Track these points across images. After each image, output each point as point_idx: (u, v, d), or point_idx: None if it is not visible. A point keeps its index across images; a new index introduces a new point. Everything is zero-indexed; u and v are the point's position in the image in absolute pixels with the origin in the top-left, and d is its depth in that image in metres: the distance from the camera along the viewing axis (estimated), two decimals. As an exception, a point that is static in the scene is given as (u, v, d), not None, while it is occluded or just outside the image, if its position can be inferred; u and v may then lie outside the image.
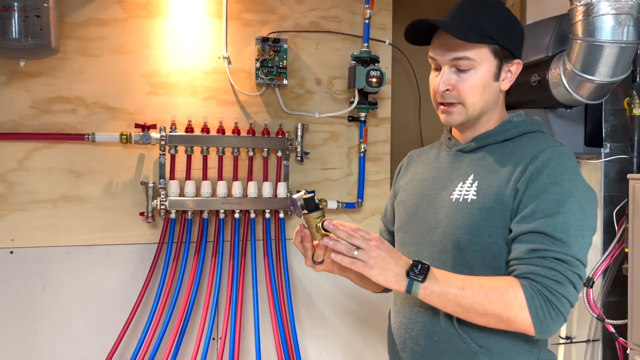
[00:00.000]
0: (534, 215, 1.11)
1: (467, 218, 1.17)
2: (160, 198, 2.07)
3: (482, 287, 1.09)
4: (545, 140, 1.21)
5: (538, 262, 1.08)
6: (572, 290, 1.08)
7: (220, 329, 2.16)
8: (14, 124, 1.99)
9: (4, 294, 2.00)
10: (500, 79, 1.23)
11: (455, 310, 1.12)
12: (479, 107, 1.22)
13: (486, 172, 1.20)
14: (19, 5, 1.75)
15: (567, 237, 1.08)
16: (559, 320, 1.08)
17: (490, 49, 1.19)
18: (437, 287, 1.09)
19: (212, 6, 2.20)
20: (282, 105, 2.28)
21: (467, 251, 1.17)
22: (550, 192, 1.11)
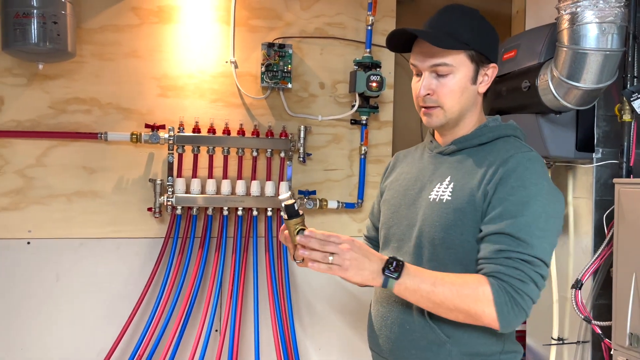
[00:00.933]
0: (501, 217, 1.17)
1: (441, 217, 1.24)
2: (168, 195, 2.18)
3: (453, 284, 1.16)
4: (517, 145, 1.28)
5: (504, 262, 1.15)
6: (534, 288, 1.15)
7: (222, 321, 2.26)
8: (33, 123, 2.14)
9: (21, 282, 2.14)
10: (477, 83, 1.30)
11: (427, 305, 1.19)
12: (457, 109, 1.29)
13: (462, 174, 1.27)
14: (38, 13, 1.88)
15: (531, 239, 1.15)
16: (522, 316, 1.15)
17: (467, 55, 1.26)
18: (411, 283, 1.15)
19: (221, 13, 2.31)
20: (286, 108, 2.37)
21: (441, 248, 1.24)
22: (516, 195, 1.18)
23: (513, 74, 2.03)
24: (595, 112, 1.98)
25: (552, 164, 2.10)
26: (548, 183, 1.22)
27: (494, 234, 1.17)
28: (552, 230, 1.19)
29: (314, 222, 2.42)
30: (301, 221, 1.18)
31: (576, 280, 1.93)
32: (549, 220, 1.19)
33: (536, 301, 1.17)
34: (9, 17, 1.90)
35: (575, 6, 1.65)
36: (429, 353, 1.25)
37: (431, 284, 1.15)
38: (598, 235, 1.99)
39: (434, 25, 1.30)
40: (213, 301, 2.22)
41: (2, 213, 2.12)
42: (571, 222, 2.12)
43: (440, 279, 1.17)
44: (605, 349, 1.90)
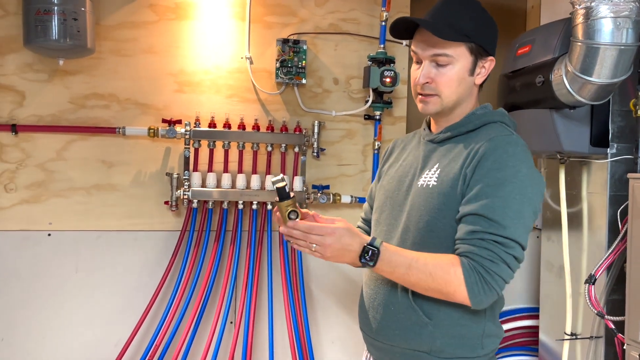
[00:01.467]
0: (476, 198, 1.21)
1: (427, 202, 1.29)
2: (184, 188, 2.22)
3: (426, 265, 1.21)
4: (499, 129, 1.31)
5: (477, 242, 1.19)
6: (505, 269, 1.20)
7: (237, 313, 2.29)
8: (54, 118, 2.18)
9: (42, 273, 2.19)
10: (475, 74, 1.33)
11: (405, 285, 1.26)
12: (454, 99, 1.33)
13: (448, 160, 1.31)
14: (59, 10, 1.93)
15: (504, 220, 1.18)
16: (492, 295, 1.20)
17: (467, 47, 1.30)
18: (386, 268, 1.23)
19: (237, 9, 2.34)
20: (301, 104, 2.39)
21: (425, 231, 1.28)
22: (492, 177, 1.21)
23: (527, 69, 2.03)
24: (610, 107, 1.97)
25: (566, 160, 2.10)
26: (527, 166, 1.24)
27: (470, 214, 1.22)
28: (527, 213, 1.22)
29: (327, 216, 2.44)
30: (292, 203, 1.21)
31: (590, 275, 1.93)
32: (524, 203, 1.21)
33: (508, 281, 1.22)
34: (31, 14, 1.94)
35: (590, 1, 1.65)
36: (412, 334, 1.29)
37: (406, 267, 1.22)
38: (612, 231, 1.99)
39: (437, 15, 1.33)
40: (228, 293, 2.26)
41: (24, 205, 2.17)
42: (585, 217, 2.12)
43: (415, 261, 1.22)
44: (618, 344, 1.90)
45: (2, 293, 2.16)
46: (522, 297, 2.61)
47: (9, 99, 2.14)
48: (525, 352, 2.57)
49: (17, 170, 2.16)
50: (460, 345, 1.28)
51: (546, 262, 2.38)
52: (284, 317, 2.32)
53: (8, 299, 2.17)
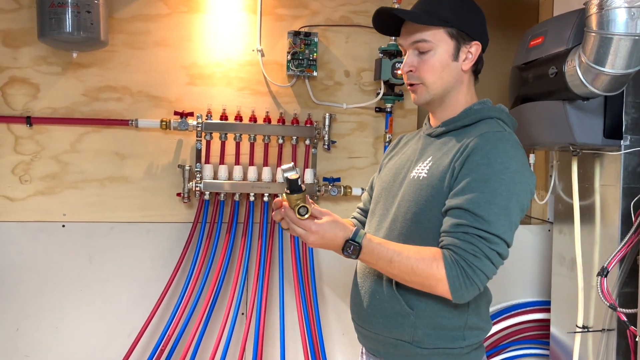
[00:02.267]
0: (463, 192, 1.22)
1: (415, 193, 1.31)
2: (196, 180, 2.23)
3: (409, 258, 1.22)
4: (493, 125, 1.31)
5: (461, 236, 1.20)
6: (488, 264, 1.19)
7: (248, 304, 2.31)
8: (68, 110, 2.21)
9: (56, 263, 2.22)
10: (459, 59, 1.34)
11: (388, 276, 1.29)
12: (440, 85, 1.34)
13: (441, 153, 1.32)
14: (72, 2, 1.94)
15: (489, 216, 1.19)
16: (473, 290, 1.21)
17: (446, 32, 1.31)
18: (369, 259, 1.26)
19: (248, 2, 2.34)
20: (312, 96, 2.40)
21: (412, 222, 1.30)
22: (480, 172, 1.21)
23: (540, 60, 2.02)
24: (624, 98, 1.95)
25: (579, 152, 2.09)
26: (517, 163, 1.24)
27: (455, 208, 1.22)
28: (513, 209, 1.22)
29: (338, 209, 2.46)
30: (303, 197, 1.21)
31: (602, 267, 1.92)
32: (511, 199, 1.21)
33: (491, 277, 1.22)
34: (45, 7, 1.96)
35: (604, -9, 1.64)
36: (395, 323, 1.32)
37: (388, 260, 1.24)
38: (625, 223, 1.98)
39: (418, 4, 1.37)
40: (240, 285, 2.27)
41: (39, 197, 2.20)
42: (598, 209, 2.10)
43: (398, 254, 1.23)
44: (631, 336, 1.89)
45: (17, 283, 2.19)
46: (533, 290, 2.60)
47: (23, 92, 2.17)
48: (537, 345, 2.56)
49: (32, 162, 2.19)
50: (441, 336, 1.30)
51: (558, 255, 2.37)
52: (295, 309, 2.33)
53: (23, 290, 2.20)
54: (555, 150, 2.34)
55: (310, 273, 2.36)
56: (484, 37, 1.36)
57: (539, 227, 2.63)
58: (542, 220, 2.69)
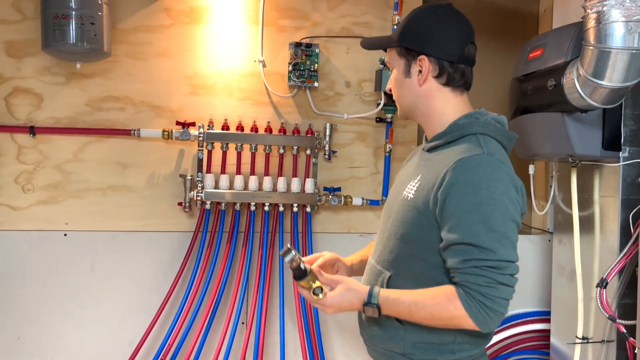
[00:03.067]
0: (459, 225, 1.22)
1: (403, 214, 1.34)
2: (197, 190, 2.25)
3: (425, 307, 1.25)
4: (472, 146, 1.28)
5: (471, 271, 1.21)
6: (504, 289, 1.21)
7: (248, 314, 2.32)
8: (71, 120, 2.23)
9: (58, 272, 2.23)
10: (411, 76, 1.37)
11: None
12: (402, 103, 1.41)
13: (428, 173, 1.33)
14: (76, 14, 1.97)
15: (492, 245, 1.20)
16: (498, 317, 1.22)
17: (396, 51, 1.38)
18: (391, 314, 1.30)
19: (250, 13, 2.36)
20: (313, 106, 2.41)
21: (402, 241, 1.33)
22: (469, 202, 1.21)
23: (539, 72, 2.03)
24: (623, 110, 1.97)
25: (578, 163, 2.10)
26: (502, 184, 1.23)
27: (457, 243, 1.23)
28: (510, 231, 1.23)
29: (338, 219, 2.47)
30: (311, 277, 1.29)
31: (601, 279, 1.92)
32: (507, 222, 1.22)
33: (511, 297, 1.23)
34: (49, 19, 1.99)
35: (602, 5, 1.65)
36: (387, 335, 1.35)
37: (408, 312, 1.28)
38: (624, 234, 1.98)
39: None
40: (240, 294, 2.28)
41: (41, 206, 2.21)
42: (597, 221, 2.11)
43: (414, 304, 1.26)
44: (630, 348, 1.89)
45: (19, 292, 2.21)
46: (534, 300, 2.61)
47: (27, 102, 2.19)
48: (537, 355, 2.56)
49: (34, 172, 2.21)
50: (430, 349, 1.32)
51: (558, 265, 2.38)
52: (295, 318, 2.34)
53: (25, 298, 2.21)
54: (555, 161, 2.35)
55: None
56: (442, 48, 1.34)
57: (539, 237, 2.64)
58: (542, 230, 2.70)
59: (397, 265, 1.36)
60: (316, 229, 2.44)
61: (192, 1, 2.31)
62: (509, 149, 1.39)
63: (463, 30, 1.38)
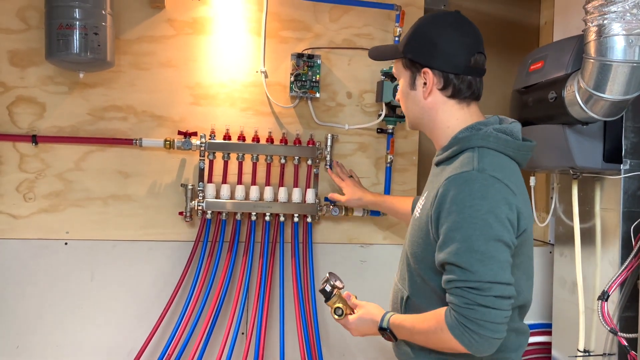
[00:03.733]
0: (444, 244, 1.21)
1: (412, 232, 1.35)
2: (198, 199, 2.25)
3: (420, 332, 1.29)
4: (465, 162, 1.26)
5: (454, 291, 1.20)
6: (487, 311, 1.15)
7: (248, 324, 2.31)
8: (73, 129, 2.24)
9: (58, 281, 2.23)
10: (417, 88, 1.37)
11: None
12: (409, 114, 1.43)
13: (431, 190, 1.33)
14: (80, 24, 1.98)
15: (472, 266, 1.16)
16: (485, 341, 1.17)
17: (401, 62, 1.39)
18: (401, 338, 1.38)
19: (252, 24, 2.38)
20: (314, 117, 2.42)
21: (412, 259, 1.35)
22: (453, 220, 1.19)
23: (540, 84, 2.05)
24: (624, 123, 1.98)
25: (579, 175, 2.10)
26: (488, 202, 1.18)
27: (445, 263, 1.22)
28: (494, 250, 1.18)
29: (339, 229, 2.47)
30: (336, 299, 1.50)
31: (603, 291, 1.92)
32: (489, 242, 1.17)
33: (500, 321, 1.17)
34: (53, 28, 2.00)
35: (603, 18, 1.66)
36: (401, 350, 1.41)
37: (410, 336, 1.34)
38: (625, 247, 1.99)
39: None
40: (240, 304, 2.28)
41: (42, 214, 2.22)
42: (598, 233, 2.11)
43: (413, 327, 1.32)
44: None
45: (19, 300, 2.20)
46: (535, 312, 2.60)
47: (30, 111, 2.20)
48: (538, 368, 2.55)
49: (36, 180, 2.21)
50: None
51: (559, 277, 2.37)
52: (295, 330, 2.33)
53: (24, 307, 2.21)
54: (556, 173, 2.36)
55: (311, 293, 2.36)
56: (444, 60, 1.32)
57: (540, 249, 2.63)
58: (544, 242, 2.69)
59: (413, 285, 1.36)
60: (317, 239, 2.43)
61: (196, 12, 2.33)
62: (520, 159, 1.33)
63: (469, 40, 1.34)
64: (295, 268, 2.34)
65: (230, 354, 2.24)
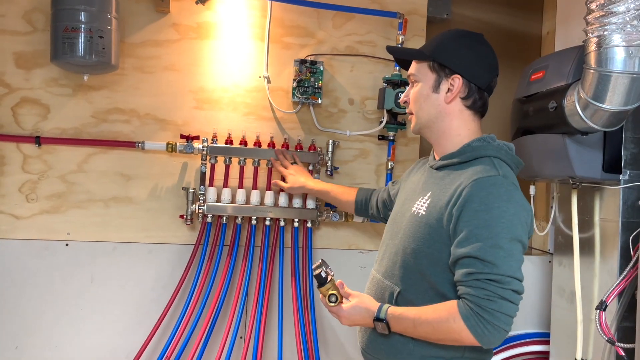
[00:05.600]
0: (467, 240, 1.26)
1: (415, 230, 1.38)
2: (199, 203, 2.26)
3: (428, 321, 1.29)
4: (487, 168, 1.34)
5: (473, 283, 1.24)
6: (505, 304, 1.23)
7: (247, 328, 2.31)
8: (76, 131, 2.25)
9: (59, 281, 2.24)
10: (440, 92, 1.42)
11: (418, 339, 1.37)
12: (422, 116, 1.45)
13: (439, 191, 1.38)
14: (85, 27, 2.00)
15: (496, 259, 1.23)
16: (498, 332, 1.24)
17: (428, 65, 1.43)
18: (398, 330, 1.37)
19: (256, 30, 2.40)
20: (316, 123, 2.43)
21: (410, 257, 1.38)
22: (480, 218, 1.26)
23: (540, 94, 2.06)
24: (623, 133, 1.98)
25: (578, 185, 2.11)
26: (514, 205, 1.29)
27: (464, 257, 1.27)
28: (516, 249, 1.28)
29: (339, 235, 2.48)
30: (330, 286, 1.46)
31: (601, 301, 1.92)
32: (514, 241, 1.27)
33: (513, 314, 1.26)
34: (58, 31, 2.02)
35: (603, 29, 1.68)
36: (394, 350, 1.39)
37: (412, 327, 1.33)
38: (624, 257, 1.99)
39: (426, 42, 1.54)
40: (239, 308, 2.28)
41: (44, 215, 2.23)
42: (597, 243, 2.12)
43: (418, 319, 1.31)
44: (629, 371, 1.88)
45: (19, 300, 2.21)
46: (533, 321, 2.60)
47: (34, 112, 2.22)
48: (536, 377, 2.55)
49: (38, 181, 2.23)
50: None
51: (557, 287, 2.37)
52: (293, 335, 2.33)
53: (24, 307, 2.22)
54: (556, 182, 2.36)
55: (309, 298, 2.36)
56: (476, 73, 1.41)
57: (539, 257, 2.64)
58: (543, 251, 2.70)
59: (407, 281, 1.39)
60: (317, 245, 2.44)
61: (200, 17, 2.35)
62: (516, 173, 1.44)
63: (494, 62, 1.46)
64: (294, 273, 2.35)
65: (228, 358, 2.24)
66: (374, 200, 1.99)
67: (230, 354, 2.25)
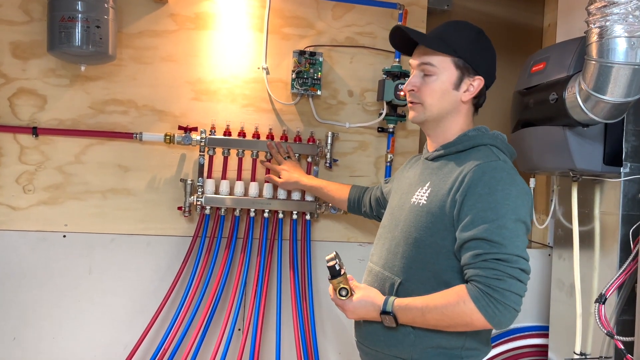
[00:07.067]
0: (473, 223, 1.27)
1: (416, 219, 1.38)
2: (197, 195, 2.25)
3: (436, 307, 1.28)
4: (487, 154, 1.36)
5: (482, 264, 1.24)
6: (514, 283, 1.24)
7: (245, 320, 2.31)
8: (74, 122, 2.24)
9: (56, 273, 2.23)
10: (460, 90, 1.41)
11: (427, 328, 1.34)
12: (436, 109, 1.42)
13: (438, 180, 1.38)
14: (82, 17, 1.98)
15: (503, 239, 1.24)
16: (509, 312, 1.24)
17: (452, 60, 1.39)
18: (406, 321, 1.35)
19: (255, 21, 2.38)
20: (315, 114, 2.42)
21: (413, 247, 1.37)
22: (485, 201, 1.28)
23: (541, 86, 2.04)
24: (624, 126, 1.97)
25: (579, 177, 2.10)
26: (516, 188, 1.31)
27: (470, 240, 1.28)
28: (520, 230, 1.29)
29: (338, 227, 2.47)
30: (343, 280, 1.44)
31: (600, 294, 1.92)
32: (518, 222, 1.28)
33: (522, 294, 1.26)
34: (55, 21, 2.00)
35: (605, 20, 1.66)
36: (394, 341, 1.38)
37: (421, 316, 1.31)
38: (624, 250, 1.98)
39: (435, 31, 1.46)
40: (237, 300, 2.28)
41: (41, 207, 2.22)
42: (597, 236, 2.11)
43: (427, 306, 1.30)
44: (628, 365, 1.87)
45: (16, 292, 2.21)
46: (532, 315, 2.59)
47: (31, 103, 2.20)
48: (534, 370, 2.55)
49: (36, 172, 2.21)
50: (439, 354, 1.35)
51: (557, 280, 2.36)
52: (291, 326, 2.33)
53: (22, 299, 2.21)
54: (556, 175, 2.35)
55: (308, 290, 2.36)
56: (490, 75, 1.44)
57: (539, 251, 2.63)
58: (542, 244, 2.69)
59: (409, 271, 1.39)
60: (315, 237, 2.43)
61: (198, 7, 2.33)
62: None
63: (495, 60, 1.48)
64: (293, 265, 2.34)
65: (226, 350, 2.24)
66: (367, 198, 1.99)
67: (228, 346, 2.25)
